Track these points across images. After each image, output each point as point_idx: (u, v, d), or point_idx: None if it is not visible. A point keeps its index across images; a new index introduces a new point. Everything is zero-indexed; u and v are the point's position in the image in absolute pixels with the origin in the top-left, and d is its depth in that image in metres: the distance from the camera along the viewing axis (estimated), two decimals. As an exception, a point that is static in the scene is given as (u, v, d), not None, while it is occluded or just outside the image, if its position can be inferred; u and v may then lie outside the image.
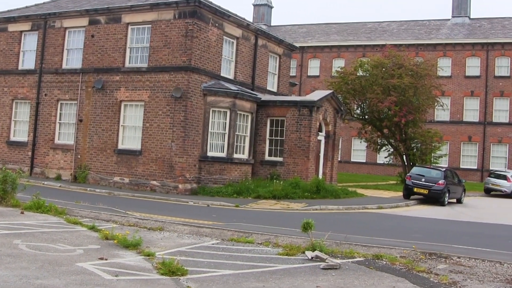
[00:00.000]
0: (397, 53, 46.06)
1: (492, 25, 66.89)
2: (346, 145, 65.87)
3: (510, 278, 12.40)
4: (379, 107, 42.58)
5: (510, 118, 60.96)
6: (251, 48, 35.60)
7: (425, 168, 36.21)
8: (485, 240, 19.62)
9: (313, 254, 13.36)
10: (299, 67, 69.62)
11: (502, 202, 39.38)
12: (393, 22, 73.92)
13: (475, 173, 61.35)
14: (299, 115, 33.05)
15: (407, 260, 13.65)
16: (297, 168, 32.84)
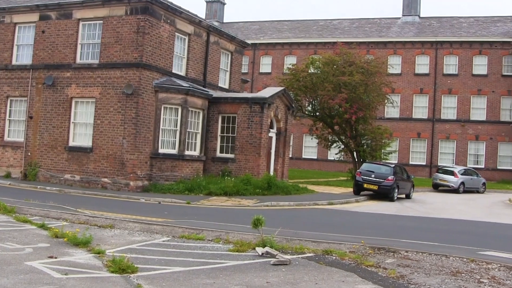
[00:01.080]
0: (348, 51, 46.44)
1: (441, 24, 67.86)
2: (298, 142, 66.22)
3: (455, 271, 12.71)
4: (330, 104, 42.87)
5: (458, 115, 61.96)
6: (203, 44, 35.62)
7: (374, 164, 36.57)
8: (432, 234, 19.98)
9: (264, 250, 13.48)
10: (251, 64, 69.72)
11: (449, 197, 39.96)
12: (344, 20, 74.40)
13: (424, 169, 62.21)
14: (250, 112, 33.19)
15: (356, 255, 13.86)
16: (249, 164, 32.98)
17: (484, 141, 61.15)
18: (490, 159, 60.90)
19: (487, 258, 14.44)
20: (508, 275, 12.63)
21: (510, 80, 60.77)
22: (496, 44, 61.63)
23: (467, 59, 62.29)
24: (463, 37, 62.91)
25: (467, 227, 23.81)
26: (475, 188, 46.70)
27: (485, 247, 16.70)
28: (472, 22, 67.46)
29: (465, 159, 61.08)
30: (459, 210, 31.01)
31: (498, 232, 22.67)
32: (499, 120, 60.94)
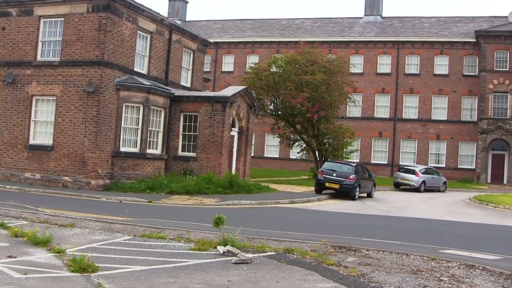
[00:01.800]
0: (310, 50, 46.59)
1: (403, 24, 68.47)
2: (260, 141, 66.30)
3: (416, 269, 12.82)
4: (292, 103, 42.98)
5: (419, 114, 62.59)
6: (165, 43, 35.47)
7: (336, 163, 36.70)
8: (393, 233, 20.12)
9: (225, 249, 13.47)
10: (214, 62, 69.65)
11: (410, 196, 40.26)
12: (307, 19, 74.69)
13: (386, 168, 62.68)
14: (212, 110, 33.14)
15: (318, 254, 13.90)
16: (210, 163, 32.93)
17: (445, 141, 61.84)
18: (451, 158, 61.58)
19: (447, 257, 14.61)
20: (468, 273, 12.76)
21: (470, 80, 61.48)
22: (457, 44, 62.37)
23: (428, 59, 62.94)
24: (424, 37, 63.60)
25: (428, 225, 23.99)
26: (436, 187, 47.14)
27: (446, 246, 16.86)
28: (434, 22, 68.17)
29: (426, 158, 61.71)
30: (420, 209, 31.25)
31: (458, 230, 22.87)
32: (460, 119, 61.68)
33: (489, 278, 12.38)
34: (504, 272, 12.92)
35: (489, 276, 12.58)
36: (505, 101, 59.29)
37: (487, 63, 59.61)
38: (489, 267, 13.39)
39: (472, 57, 62.15)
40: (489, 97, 59.32)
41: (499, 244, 18.87)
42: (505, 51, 59.81)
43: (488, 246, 17.86)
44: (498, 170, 59.50)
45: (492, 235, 21.80)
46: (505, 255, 15.89)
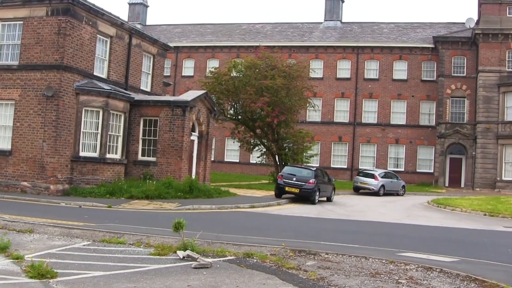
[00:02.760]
0: (270, 55, 46.66)
1: (363, 29, 69.03)
2: (220, 145, 66.30)
3: (374, 272, 12.95)
4: (252, 107, 42.98)
5: (378, 119, 63.17)
6: (125, 47, 35.34)
7: (296, 168, 36.85)
8: (352, 237, 20.28)
9: (185, 253, 13.45)
10: (174, 67, 69.50)
11: (370, 199, 40.54)
12: (267, 24, 74.92)
13: (345, 172, 63.11)
14: (172, 115, 33.07)
15: (277, 258, 13.94)
16: (170, 168, 32.85)
17: (404, 145, 62.48)
18: (409, 162, 62.21)
19: (406, 259, 14.76)
20: (426, 275, 12.93)
21: (429, 85, 62.24)
22: (415, 49, 63.13)
23: (387, 64, 63.57)
24: (383, 43, 64.22)
25: (387, 229, 24.21)
26: (395, 190, 47.57)
27: (404, 249, 17.07)
28: (393, 28, 68.85)
29: (386, 162, 62.24)
30: (379, 213, 31.50)
31: (417, 233, 23.12)
32: (418, 124, 62.38)
33: (446, 280, 12.58)
34: (460, 274, 13.15)
35: (446, 278, 12.77)
36: (463, 106, 60.11)
37: (445, 69, 60.38)
38: (446, 269, 13.61)
39: (430, 63, 62.94)
40: (447, 102, 60.08)
41: (456, 247, 19.18)
42: (462, 56, 60.65)
43: (445, 248, 18.13)
44: (456, 173, 60.24)
45: (450, 238, 22.07)
46: (462, 257, 16.15)
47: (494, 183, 56.03)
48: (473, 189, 56.66)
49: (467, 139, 58.88)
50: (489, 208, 33.95)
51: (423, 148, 62.38)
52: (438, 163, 59.87)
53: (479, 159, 57.13)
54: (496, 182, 56.00)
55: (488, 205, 35.61)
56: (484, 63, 57.68)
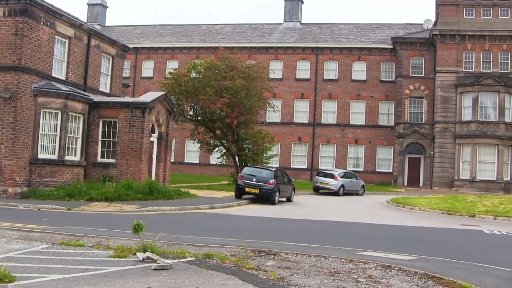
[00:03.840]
0: (230, 56, 46.68)
1: (322, 30, 69.42)
2: (180, 146, 66.18)
3: (334, 271, 13.04)
4: (212, 108, 42.96)
5: (337, 119, 63.59)
6: (83, 48, 35.09)
7: (256, 168, 36.90)
8: (312, 236, 20.40)
9: (145, 255, 13.41)
10: (133, 68, 69.20)
11: (329, 199, 40.77)
12: (226, 25, 74.93)
13: (305, 172, 63.39)
14: (131, 116, 32.91)
15: (237, 258, 13.97)
16: (130, 169, 32.68)
17: (363, 145, 62.98)
18: (369, 162, 62.71)
19: (365, 258, 14.89)
20: (384, 274, 13.07)
21: (388, 86, 62.84)
22: (374, 50, 63.70)
23: (346, 65, 64.04)
24: (343, 44, 64.69)
25: (347, 228, 24.38)
26: (354, 190, 47.90)
27: (363, 248, 17.21)
28: (352, 29, 69.36)
29: (345, 162, 62.65)
30: (339, 212, 31.66)
31: (376, 232, 23.31)
32: (377, 124, 62.93)
33: (405, 278, 12.74)
34: (418, 272, 13.33)
35: (404, 276, 12.94)
36: (421, 106, 60.79)
37: (403, 69, 61.01)
38: (405, 267, 13.78)
39: (389, 63, 63.57)
40: (405, 102, 60.71)
41: (415, 245, 19.41)
42: (420, 57, 61.35)
43: (404, 247, 18.33)
44: (415, 173, 60.89)
45: (408, 236, 22.34)
46: (419, 255, 16.36)
47: (452, 182, 56.78)
48: (431, 188, 57.35)
49: (425, 139, 59.61)
50: (447, 207, 34.43)
51: (382, 148, 62.95)
52: (397, 163, 60.48)
53: (437, 158, 57.83)
54: (453, 181, 56.77)
55: (446, 203, 36.05)
56: (441, 63, 58.42)
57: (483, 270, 14.56)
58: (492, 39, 58.02)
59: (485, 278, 13.10)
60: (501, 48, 58.07)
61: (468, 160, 56.56)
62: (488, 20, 58.71)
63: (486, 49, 58.17)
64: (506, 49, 57.96)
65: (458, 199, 38.40)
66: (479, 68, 58.02)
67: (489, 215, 31.63)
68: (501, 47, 58.05)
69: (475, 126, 56.12)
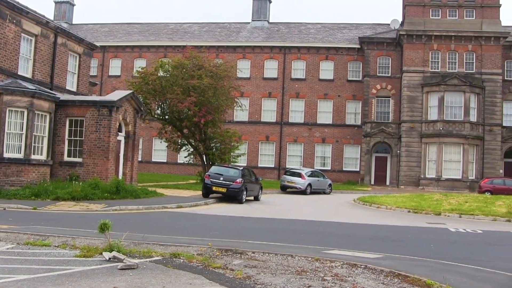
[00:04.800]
0: (198, 54, 46.61)
1: (290, 29, 69.62)
2: (147, 145, 65.98)
3: (300, 270, 13.07)
4: (179, 107, 42.86)
5: (305, 118, 63.81)
6: (50, 46, 34.86)
7: (223, 167, 36.88)
8: (279, 235, 20.44)
9: (111, 255, 13.35)
10: (100, 66, 68.83)
11: (297, 198, 40.89)
12: (194, 23, 74.85)
13: (273, 171, 63.53)
14: (98, 115, 32.75)
15: (204, 257, 13.95)
16: (97, 168, 32.53)
17: (330, 144, 63.25)
18: (336, 161, 63.01)
19: (331, 257, 14.98)
20: (350, 272, 13.15)
21: (355, 85, 63.22)
22: (342, 50, 64.06)
23: (314, 64, 64.29)
24: (310, 43, 64.91)
25: (314, 227, 24.45)
26: (321, 189, 48.06)
27: (330, 246, 17.29)
28: (320, 28, 69.64)
29: (313, 161, 62.90)
30: (306, 211, 31.77)
31: (343, 231, 23.44)
32: (344, 123, 63.30)
33: (371, 276, 12.83)
34: (384, 270, 13.44)
35: (370, 274, 13.03)
36: (387, 106, 61.24)
37: (371, 69, 61.44)
38: (371, 266, 13.88)
39: (356, 63, 63.99)
40: (372, 101, 61.14)
41: (381, 243, 19.56)
42: (387, 57, 61.82)
43: (370, 245, 18.46)
44: (381, 172, 61.35)
45: (375, 235, 22.49)
46: (385, 253, 16.51)
47: (418, 180, 57.32)
48: (398, 186, 57.86)
49: (392, 138, 60.08)
50: (413, 205, 34.72)
51: (349, 147, 63.30)
52: (364, 162, 60.87)
53: (404, 157, 58.32)
54: (420, 179, 57.31)
55: (412, 202, 36.36)
56: (408, 63, 58.95)
57: (447, 268, 14.74)
58: (457, 40, 58.70)
59: (450, 275, 13.28)
60: (467, 49, 58.75)
61: (434, 159, 57.14)
62: (454, 20, 59.37)
63: (452, 49, 58.84)
64: (471, 49, 58.66)
65: (424, 198, 38.74)
66: (445, 68, 58.70)
67: (455, 213, 32.00)
68: (466, 47, 58.74)
69: (441, 126, 56.71)
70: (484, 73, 58.42)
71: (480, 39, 58.50)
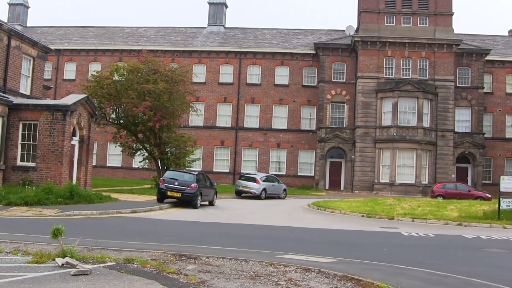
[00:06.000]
0: (153, 59, 46.48)
1: (245, 34, 69.73)
2: (102, 150, 65.49)
3: (254, 275, 13.14)
4: (134, 111, 42.67)
5: (260, 123, 63.93)
6: (3, 49, 34.50)
7: (178, 172, 36.77)
8: (234, 240, 20.47)
9: (64, 260, 13.23)
10: (55, 70, 68.15)
11: (252, 203, 40.91)
12: (150, 28, 74.54)
13: (228, 176, 63.50)
14: (52, 119, 32.48)
15: (158, 263, 13.94)
16: (51, 173, 32.25)
17: (285, 149, 63.46)
18: (291, 166, 63.21)
19: (285, 261, 15.09)
20: (304, 276, 13.26)
21: (310, 91, 63.54)
22: (297, 55, 64.34)
23: (269, 70, 64.47)
24: (266, 48, 65.14)
25: (268, 232, 24.53)
26: (276, 194, 48.17)
27: (284, 251, 17.41)
28: (275, 34, 69.89)
29: (267, 166, 63.04)
30: (261, 216, 31.87)
31: (297, 235, 23.57)
32: (299, 128, 63.54)
33: (324, 280, 12.96)
34: (337, 274, 13.61)
35: (324, 278, 13.16)
36: (342, 111, 61.73)
37: (325, 74, 61.85)
38: (324, 270, 14.05)
39: (312, 68, 64.32)
40: (327, 107, 61.54)
41: (335, 248, 19.75)
42: (342, 63, 62.30)
43: (324, 249, 18.65)
44: (336, 177, 61.77)
45: (329, 239, 22.67)
46: (339, 258, 16.70)
47: (372, 185, 57.82)
48: (352, 191, 58.28)
49: (346, 143, 60.51)
50: (367, 210, 35.05)
51: (304, 152, 63.58)
52: (318, 167, 61.18)
53: (358, 162, 58.78)
54: (374, 184, 57.81)
55: (366, 206, 36.69)
56: (363, 69, 59.47)
57: (400, 271, 14.97)
58: (411, 47, 59.43)
59: (402, 279, 13.50)
60: (420, 55, 59.51)
61: (388, 164, 57.70)
62: (408, 28, 60.09)
63: (405, 56, 59.54)
64: (424, 56, 59.42)
65: (378, 202, 39.11)
66: (399, 75, 59.38)
67: (407, 218, 32.36)
68: (420, 54, 59.49)
69: (394, 131, 57.30)
70: (437, 80, 59.24)
71: (433, 46, 59.31)
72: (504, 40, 70.51)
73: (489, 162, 62.91)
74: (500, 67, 63.72)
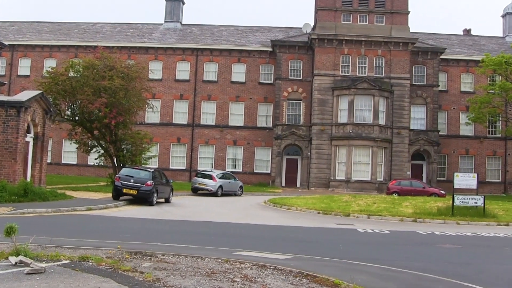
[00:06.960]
0: (109, 55, 46.19)
1: (203, 31, 69.66)
2: (57, 147, 64.89)
3: (210, 272, 13.13)
4: (90, 108, 42.35)
5: (217, 120, 63.99)
6: (-46, 45, 34.00)
7: (134, 169, 36.60)
8: (190, 237, 20.47)
9: (17, 259, 13.07)
10: (9, 66, 67.32)
11: (208, 200, 40.89)
12: (106, 24, 74.06)
13: (184, 173, 63.40)
14: (6, 115, 32.05)
15: (113, 260, 13.83)
16: (4, 170, 31.82)
17: (241, 146, 63.59)
18: (247, 163, 63.34)
19: (241, 258, 15.12)
20: (260, 273, 13.30)
21: (266, 88, 63.69)
22: (254, 52, 64.47)
23: (226, 67, 64.51)
24: (223, 45, 65.18)
25: (225, 229, 24.57)
26: (233, 191, 48.24)
27: (240, 248, 17.48)
28: (232, 31, 69.92)
29: (224, 163, 63.10)
30: (217, 213, 31.87)
31: (253, 232, 23.65)
32: (256, 125, 63.71)
33: (280, 277, 13.01)
34: (293, 271, 13.68)
35: (279, 275, 13.22)
36: (299, 108, 62.04)
37: (282, 72, 62.09)
38: (280, 266, 14.11)
39: (268, 66, 64.50)
40: (283, 104, 61.78)
41: (290, 244, 19.86)
42: (299, 60, 62.60)
43: (280, 246, 18.72)
44: (292, 174, 62.09)
45: (284, 236, 22.79)
46: (295, 254, 16.81)
47: (328, 182, 58.22)
48: (308, 188, 58.61)
49: (302, 140, 60.80)
50: (322, 207, 35.28)
51: (260, 149, 63.76)
52: (274, 164, 61.41)
53: (314, 159, 59.09)
54: (330, 181, 58.22)
55: (322, 203, 36.92)
56: (319, 67, 59.77)
57: (355, 267, 15.14)
58: (368, 45, 59.95)
59: (357, 275, 13.63)
60: (376, 53, 60.06)
61: (344, 161, 58.12)
62: (365, 26, 60.58)
63: (362, 53, 60.04)
64: (381, 54, 59.98)
65: (334, 199, 39.37)
66: (355, 72, 59.87)
67: (363, 214, 32.70)
68: (376, 52, 60.03)
69: (350, 128, 57.73)
70: (393, 78, 59.85)
71: (389, 45, 59.89)
72: (459, 39, 71.56)
73: (443, 159, 63.78)
74: (455, 65, 64.65)
